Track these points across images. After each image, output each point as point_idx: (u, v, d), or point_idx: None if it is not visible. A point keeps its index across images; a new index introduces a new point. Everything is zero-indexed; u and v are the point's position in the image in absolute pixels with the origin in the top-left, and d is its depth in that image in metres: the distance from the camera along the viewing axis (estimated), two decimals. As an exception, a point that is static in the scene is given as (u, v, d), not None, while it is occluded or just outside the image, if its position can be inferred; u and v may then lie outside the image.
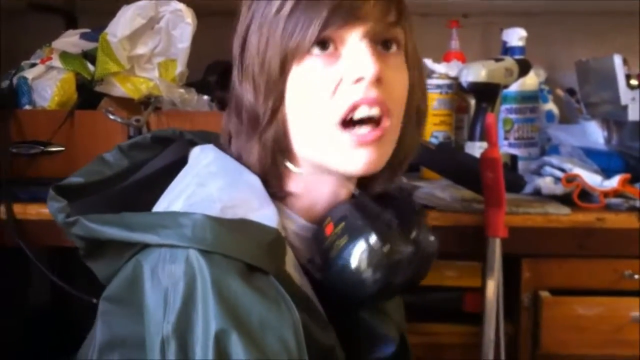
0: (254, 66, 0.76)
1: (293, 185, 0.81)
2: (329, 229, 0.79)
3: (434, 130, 1.63)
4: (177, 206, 0.74)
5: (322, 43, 0.74)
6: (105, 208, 0.78)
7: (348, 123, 0.75)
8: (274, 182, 0.79)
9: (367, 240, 0.76)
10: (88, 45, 1.47)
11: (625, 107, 1.46)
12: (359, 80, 0.74)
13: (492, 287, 1.21)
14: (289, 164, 0.80)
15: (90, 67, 1.41)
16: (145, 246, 0.72)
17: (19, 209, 1.26)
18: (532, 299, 1.30)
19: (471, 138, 1.52)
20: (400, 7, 0.77)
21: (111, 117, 1.28)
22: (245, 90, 0.77)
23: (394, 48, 0.78)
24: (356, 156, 0.76)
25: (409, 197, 0.88)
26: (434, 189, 1.42)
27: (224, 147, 0.83)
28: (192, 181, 0.77)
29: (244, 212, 0.73)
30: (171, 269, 0.69)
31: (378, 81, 0.74)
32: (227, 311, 0.66)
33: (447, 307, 1.39)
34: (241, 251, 0.70)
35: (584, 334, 1.29)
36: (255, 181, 0.77)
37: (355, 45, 0.74)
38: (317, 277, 0.81)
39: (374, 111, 0.75)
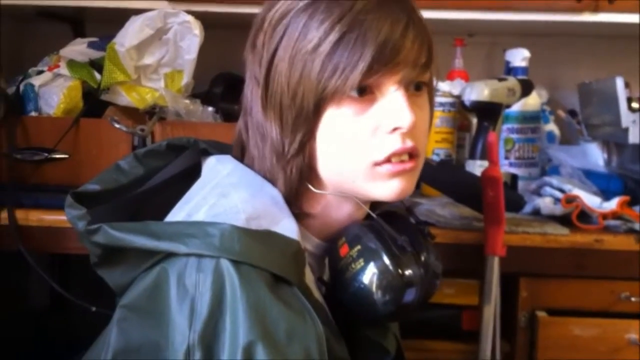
0: (282, 97, 0.76)
1: (312, 205, 0.82)
2: (343, 250, 0.80)
3: (436, 148, 1.64)
4: (200, 216, 0.74)
5: (361, 88, 0.75)
6: (121, 215, 0.79)
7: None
8: (293, 202, 0.80)
9: (382, 265, 0.78)
10: (95, 54, 1.48)
11: (626, 130, 1.46)
12: (396, 129, 0.75)
13: (489, 306, 1.22)
14: (311, 187, 0.81)
15: (97, 75, 1.42)
16: (169, 255, 0.72)
17: (20, 215, 1.27)
18: (528, 318, 1.31)
19: (472, 156, 1.53)
20: (430, 48, 0.77)
21: (116, 125, 1.29)
22: (270, 119, 0.77)
23: (423, 89, 0.80)
24: (391, 185, 0.78)
25: (415, 218, 0.90)
26: (434, 206, 1.43)
27: (240, 159, 0.84)
28: (213, 192, 0.77)
29: (267, 223, 0.74)
30: (198, 278, 0.69)
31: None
32: (256, 322, 0.67)
33: (445, 324, 1.39)
34: (268, 261, 0.71)
35: (580, 355, 1.29)
36: (276, 194, 0.78)
37: (392, 94, 0.75)
38: (323, 294, 0.82)
39: (405, 157, 0.78)
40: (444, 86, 1.65)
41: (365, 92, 0.75)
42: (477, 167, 1.49)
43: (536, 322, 1.29)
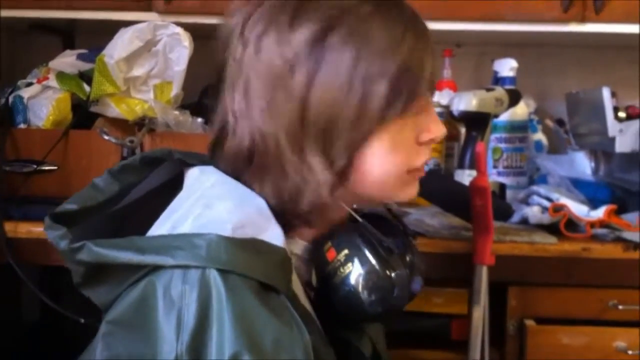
0: (333, 121, 0.75)
1: (310, 212, 0.81)
2: (330, 255, 0.81)
3: (425, 158, 1.65)
4: (185, 228, 0.74)
5: None
6: (102, 233, 0.78)
7: None
8: (292, 210, 0.79)
9: (371, 267, 0.79)
10: (84, 66, 1.49)
11: (612, 139, 1.48)
12: (432, 141, 0.81)
13: (478, 315, 1.22)
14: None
15: (86, 87, 1.43)
16: (154, 268, 0.72)
17: (9, 227, 1.27)
18: (517, 327, 1.31)
19: (461, 166, 1.54)
20: None
21: (105, 137, 1.30)
22: (308, 143, 0.76)
23: None
24: (412, 189, 0.84)
25: (399, 219, 0.91)
26: (423, 216, 1.44)
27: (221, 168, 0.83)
28: (197, 203, 0.77)
29: (253, 232, 0.74)
30: (185, 289, 0.69)
31: None
32: (242, 332, 0.67)
33: (435, 333, 1.40)
34: (256, 270, 0.71)
35: (569, 363, 1.30)
36: (261, 203, 0.78)
37: (429, 110, 0.81)
38: (311, 298, 0.83)
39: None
40: (432, 96, 1.66)
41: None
42: (465, 176, 1.50)
43: (525, 331, 1.30)
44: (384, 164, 0.79)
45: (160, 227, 0.78)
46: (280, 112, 0.76)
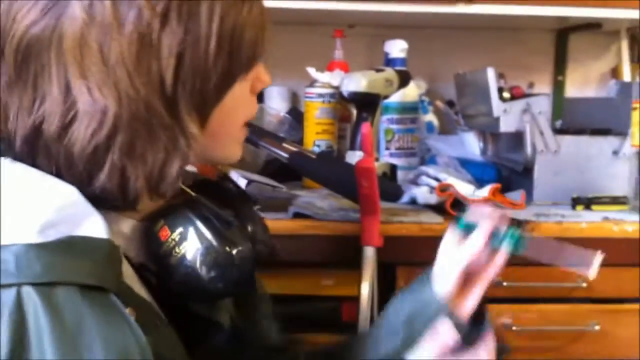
0: (205, 84, 0.70)
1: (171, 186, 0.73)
2: (164, 234, 0.75)
3: (316, 139, 1.64)
4: None
5: None
6: None
7: None
8: (119, 195, 0.71)
9: (209, 245, 0.74)
10: None
11: (497, 119, 1.50)
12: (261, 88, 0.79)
13: (366, 296, 1.22)
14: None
15: None
16: None
17: None
18: (406, 307, 1.32)
19: (352, 147, 1.54)
20: None
21: None
22: (178, 102, 0.69)
23: None
24: (241, 146, 0.80)
25: (236, 185, 0.87)
26: (314, 198, 1.43)
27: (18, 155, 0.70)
28: None
29: (67, 228, 0.64)
30: None
31: None
32: (67, 351, 0.59)
33: (325, 316, 1.39)
34: (78, 273, 0.62)
35: (459, 340, 1.31)
36: (71, 190, 0.67)
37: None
38: (151, 281, 0.77)
39: None
40: (323, 77, 1.65)
41: None
42: (356, 157, 1.48)
43: (414, 310, 1.30)
44: (233, 118, 0.76)
45: None
46: (151, 72, 0.68)
